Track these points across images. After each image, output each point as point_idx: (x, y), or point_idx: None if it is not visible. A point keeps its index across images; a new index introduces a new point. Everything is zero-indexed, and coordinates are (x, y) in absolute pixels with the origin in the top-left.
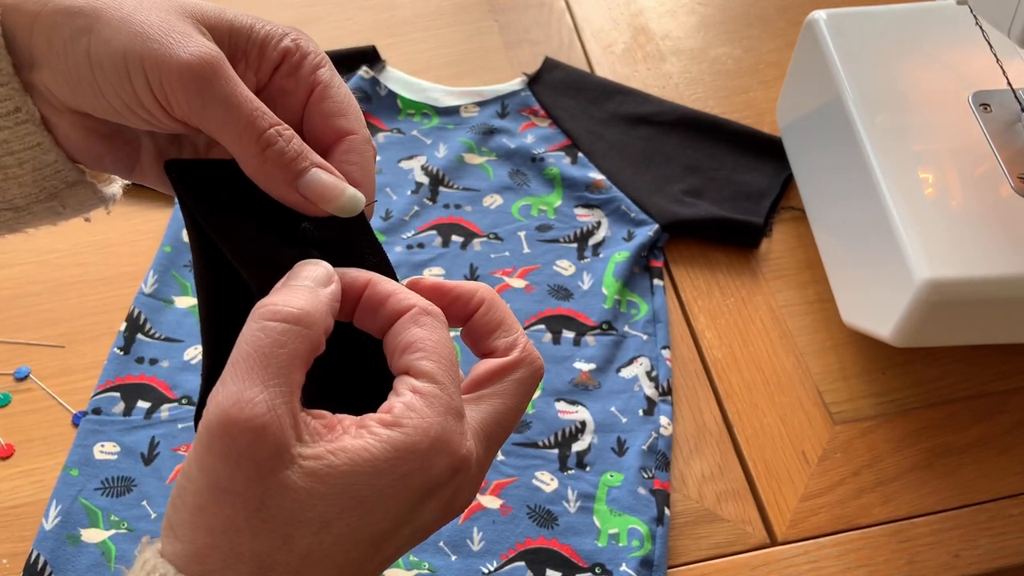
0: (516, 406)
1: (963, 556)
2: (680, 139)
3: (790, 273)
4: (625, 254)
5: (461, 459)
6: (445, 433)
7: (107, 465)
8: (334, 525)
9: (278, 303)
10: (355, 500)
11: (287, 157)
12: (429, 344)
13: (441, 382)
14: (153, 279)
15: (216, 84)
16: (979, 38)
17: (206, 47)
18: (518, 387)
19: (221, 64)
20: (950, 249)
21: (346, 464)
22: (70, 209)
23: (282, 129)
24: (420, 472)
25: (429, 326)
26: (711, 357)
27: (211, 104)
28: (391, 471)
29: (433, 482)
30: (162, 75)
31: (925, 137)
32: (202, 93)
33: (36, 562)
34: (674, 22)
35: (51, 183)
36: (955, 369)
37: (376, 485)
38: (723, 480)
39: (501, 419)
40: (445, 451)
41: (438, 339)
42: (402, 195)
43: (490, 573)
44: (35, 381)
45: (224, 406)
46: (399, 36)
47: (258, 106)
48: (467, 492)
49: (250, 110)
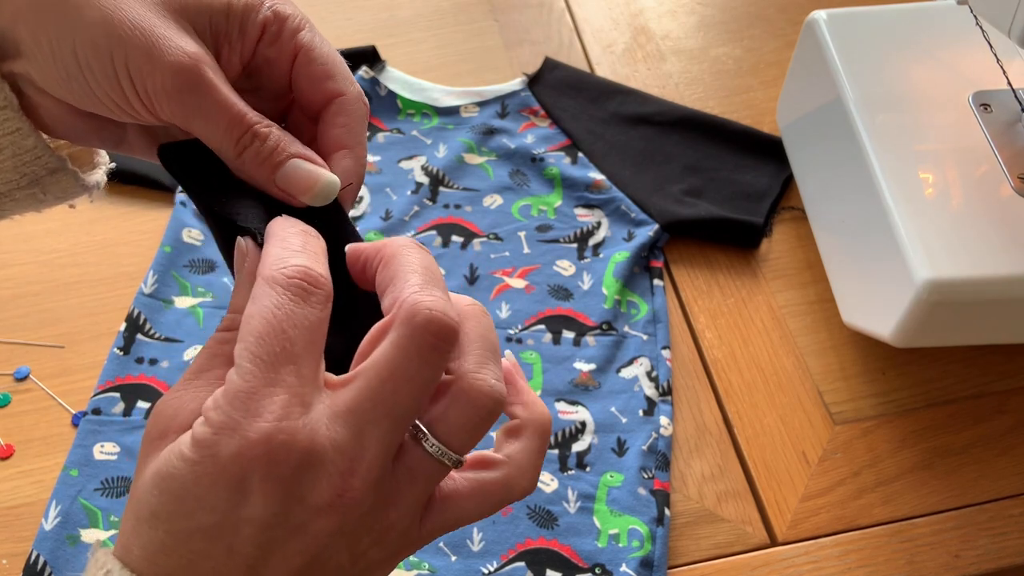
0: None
1: (963, 556)
2: (680, 139)
3: (790, 273)
4: (625, 254)
5: (252, 443)
6: (227, 420)
7: (107, 465)
8: (159, 512)
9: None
10: (167, 484)
11: (262, 156)
12: (242, 321)
13: (240, 364)
14: (153, 279)
15: (197, 92)
16: (979, 38)
17: (185, 53)
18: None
19: (201, 71)
20: (950, 249)
21: (167, 451)
22: (52, 196)
23: (260, 127)
24: (210, 461)
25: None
26: (711, 357)
27: (193, 111)
28: (186, 459)
29: (228, 470)
30: (147, 83)
31: (925, 137)
32: (184, 102)
33: (36, 562)
34: (674, 22)
35: (31, 169)
36: (955, 369)
37: (179, 472)
38: (723, 480)
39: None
40: (227, 438)
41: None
42: (402, 195)
43: (490, 573)
44: (35, 381)
45: None
46: (399, 36)
47: (237, 111)
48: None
49: (229, 116)
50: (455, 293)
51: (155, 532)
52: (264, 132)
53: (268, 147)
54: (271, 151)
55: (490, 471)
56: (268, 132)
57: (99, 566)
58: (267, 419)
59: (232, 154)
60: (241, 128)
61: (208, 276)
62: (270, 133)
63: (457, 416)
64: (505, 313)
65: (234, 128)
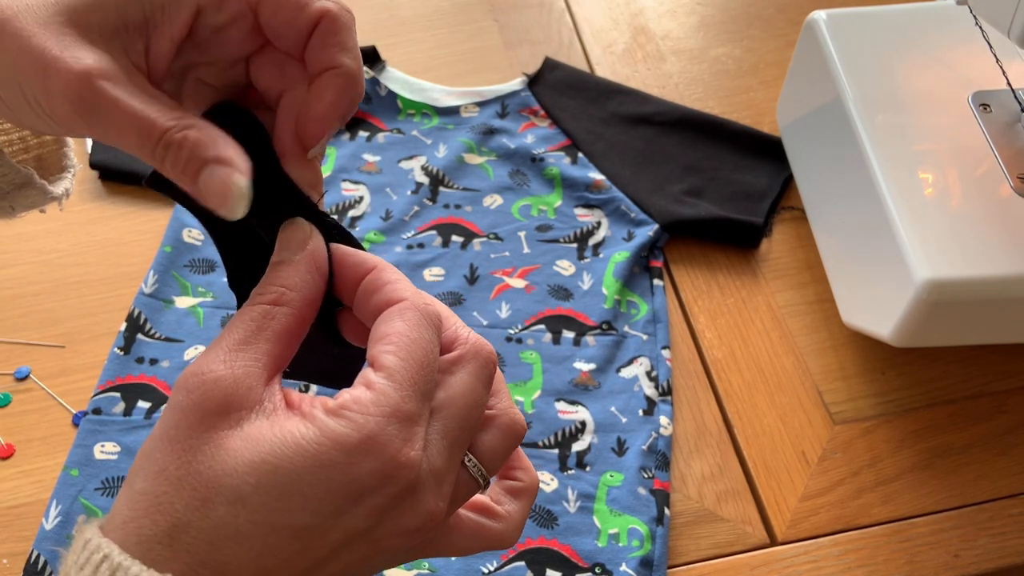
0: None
1: (963, 556)
2: (680, 139)
3: (790, 273)
4: (625, 254)
5: (396, 465)
6: (381, 434)
7: (107, 465)
8: (250, 499)
9: (258, 289)
10: (272, 475)
11: (179, 166)
12: (401, 339)
13: (397, 381)
14: (153, 279)
15: (96, 108)
16: (979, 38)
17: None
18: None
19: (94, 86)
20: (950, 249)
21: (276, 438)
22: (20, 208)
23: (173, 134)
24: (344, 468)
25: (411, 322)
26: (711, 357)
27: (102, 127)
28: (313, 457)
29: (358, 483)
30: (52, 107)
31: (925, 137)
32: (88, 120)
33: (36, 562)
34: (674, 22)
35: None
36: (955, 369)
37: (294, 466)
38: (723, 480)
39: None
40: (375, 453)
41: (415, 337)
42: (402, 195)
43: (490, 573)
44: (35, 381)
45: (191, 366)
46: (399, 36)
47: (143, 120)
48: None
49: (136, 127)
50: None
51: (234, 517)
52: (178, 139)
53: (183, 155)
54: (187, 159)
55: (492, 520)
56: (182, 138)
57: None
58: (415, 449)
59: (155, 164)
60: (153, 138)
61: (208, 276)
62: (184, 138)
63: (498, 443)
64: (505, 313)
65: (145, 139)
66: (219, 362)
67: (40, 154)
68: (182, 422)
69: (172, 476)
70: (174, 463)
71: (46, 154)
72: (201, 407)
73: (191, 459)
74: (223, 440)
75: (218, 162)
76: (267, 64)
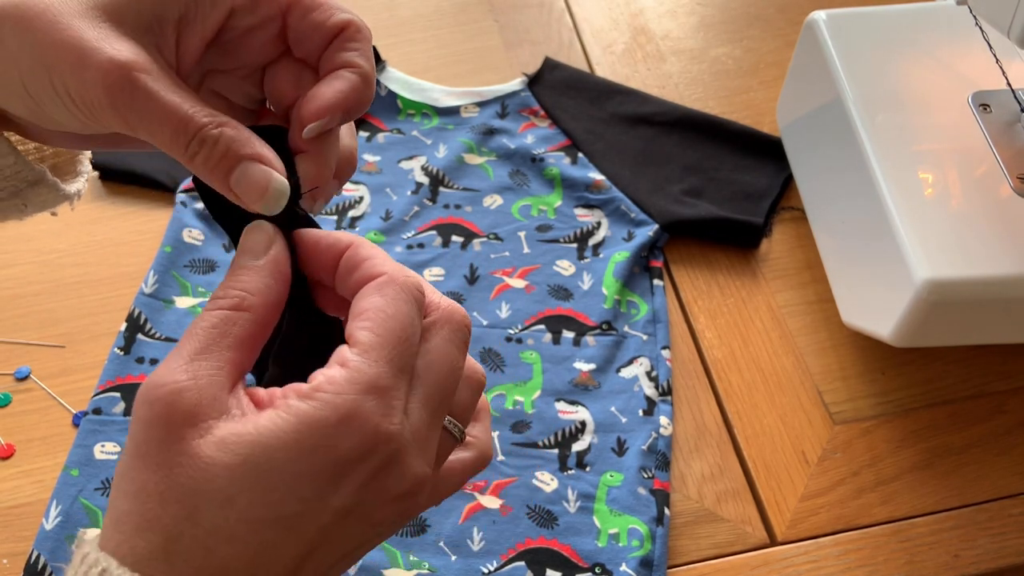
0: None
1: (963, 556)
2: (680, 139)
3: (790, 273)
4: (625, 254)
5: (377, 439)
6: (358, 411)
7: (108, 465)
8: (237, 500)
9: (217, 293)
10: (255, 472)
11: (212, 161)
12: (378, 315)
13: (372, 357)
14: (153, 279)
15: (133, 102)
16: (979, 38)
17: (112, 62)
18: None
19: (132, 79)
20: (950, 249)
21: (251, 434)
22: (33, 206)
23: (209, 130)
24: (324, 450)
25: (390, 296)
26: (711, 357)
27: (135, 121)
28: (294, 444)
29: (340, 461)
30: (86, 99)
31: (925, 137)
32: (123, 114)
33: (36, 562)
34: (674, 22)
35: (11, 183)
36: (955, 369)
37: (276, 458)
38: (723, 480)
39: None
40: (355, 429)
41: (392, 312)
42: (402, 195)
43: (490, 573)
44: (35, 381)
45: (151, 377)
46: (399, 36)
47: (181, 115)
48: (406, 476)
49: (172, 123)
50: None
51: (224, 520)
52: (213, 135)
53: (218, 151)
54: (221, 156)
55: (464, 451)
56: (218, 135)
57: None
58: (394, 422)
59: (183, 160)
60: (188, 133)
61: (208, 276)
62: (220, 135)
63: (467, 397)
64: (505, 313)
65: (180, 134)
66: (180, 371)
67: (55, 163)
68: (151, 437)
69: (154, 493)
70: (152, 479)
71: (60, 163)
72: (167, 420)
73: (168, 473)
74: (196, 449)
75: (253, 159)
76: (283, 72)
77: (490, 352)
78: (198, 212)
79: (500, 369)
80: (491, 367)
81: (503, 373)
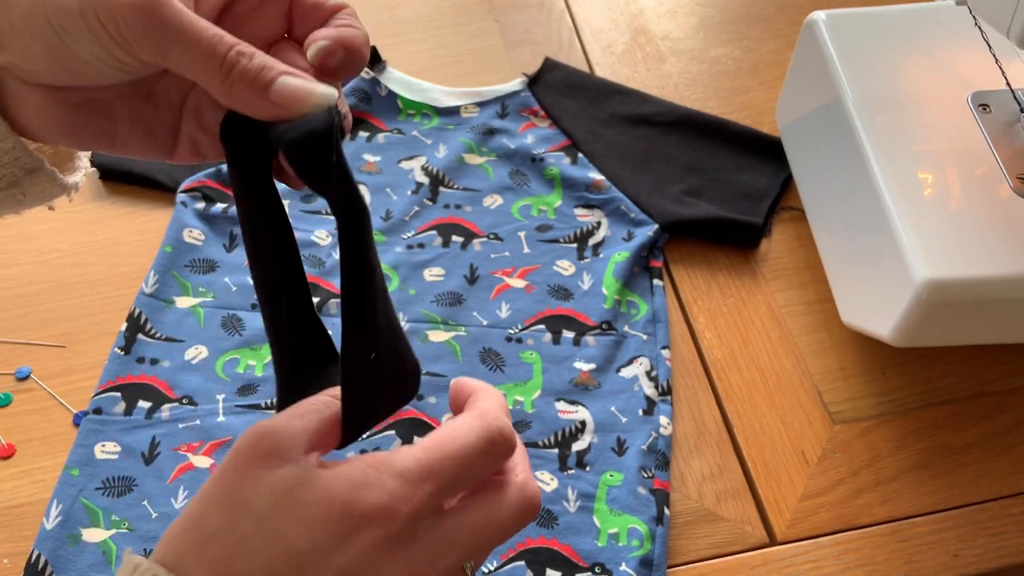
0: None
1: (962, 556)
2: (680, 139)
3: (789, 273)
4: (625, 254)
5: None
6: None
7: (108, 465)
8: (267, 522)
9: None
10: (289, 503)
11: (250, 74)
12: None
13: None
14: (154, 279)
15: (164, 25)
16: (978, 39)
17: None
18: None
19: (164, 3)
20: (949, 249)
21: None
22: (31, 197)
23: (242, 48)
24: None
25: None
26: (711, 357)
27: (169, 46)
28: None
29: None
30: (119, 27)
31: (924, 138)
32: (156, 38)
33: (37, 562)
34: (674, 22)
35: (10, 170)
36: (954, 369)
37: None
38: (723, 480)
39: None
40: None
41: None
42: (402, 195)
43: (490, 573)
44: (36, 381)
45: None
46: (399, 36)
47: (212, 33)
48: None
49: (206, 39)
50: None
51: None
52: (249, 51)
53: (256, 65)
54: (259, 69)
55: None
56: (253, 51)
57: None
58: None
59: (219, 79)
60: (222, 51)
61: (209, 276)
62: (255, 52)
63: None
64: (505, 313)
65: (214, 53)
66: (281, 418)
67: (53, 155)
68: (238, 460)
69: (215, 499)
70: (219, 489)
71: (58, 158)
72: (253, 449)
73: (231, 487)
74: (262, 475)
75: (291, 74)
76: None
77: (490, 352)
78: (198, 212)
79: (500, 369)
80: (491, 367)
81: (503, 373)
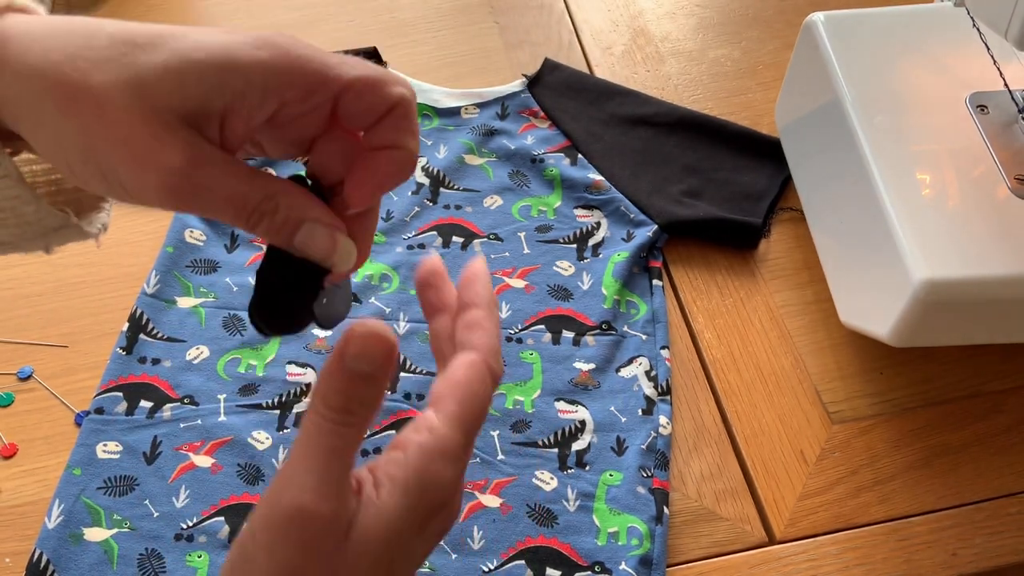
0: None
1: (960, 555)
2: (679, 140)
3: (788, 273)
4: (624, 254)
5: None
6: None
7: (109, 464)
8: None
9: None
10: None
11: (274, 228)
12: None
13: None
14: (155, 279)
15: (193, 199)
16: (976, 40)
17: (171, 168)
18: None
19: (192, 180)
20: (947, 249)
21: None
22: (58, 246)
23: (266, 205)
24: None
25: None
26: (710, 357)
27: (195, 210)
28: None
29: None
30: (141, 196)
31: (923, 138)
32: (185, 207)
33: (39, 561)
34: (673, 24)
35: (35, 229)
36: (953, 369)
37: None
38: (722, 479)
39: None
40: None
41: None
42: (403, 196)
43: (490, 572)
44: (38, 381)
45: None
46: (400, 38)
47: (239, 198)
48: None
49: (233, 207)
50: None
51: None
52: (271, 207)
53: (279, 220)
54: (282, 223)
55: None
56: (275, 205)
57: None
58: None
59: (247, 228)
60: (246, 211)
61: (210, 276)
62: (277, 207)
63: None
64: (505, 313)
65: (240, 212)
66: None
67: (77, 197)
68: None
69: None
70: None
71: (83, 196)
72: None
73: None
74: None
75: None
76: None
77: None
78: None
79: None
80: None
81: (503, 373)
